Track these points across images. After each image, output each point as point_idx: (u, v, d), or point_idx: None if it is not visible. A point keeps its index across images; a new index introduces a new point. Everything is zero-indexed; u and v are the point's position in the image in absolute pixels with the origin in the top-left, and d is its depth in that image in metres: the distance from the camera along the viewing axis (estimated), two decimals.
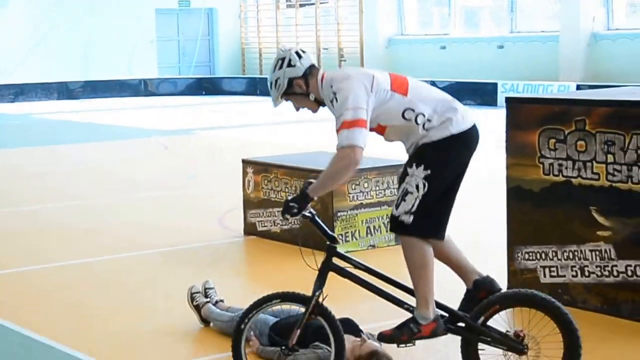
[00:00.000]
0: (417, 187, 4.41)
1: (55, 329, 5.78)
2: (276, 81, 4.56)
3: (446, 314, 4.59)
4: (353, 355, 4.79)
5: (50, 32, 26.59)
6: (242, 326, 4.66)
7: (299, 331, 4.58)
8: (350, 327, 5.05)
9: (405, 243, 4.50)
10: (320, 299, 4.55)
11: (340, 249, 6.91)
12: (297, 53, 4.59)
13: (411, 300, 4.60)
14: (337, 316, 5.11)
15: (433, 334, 4.56)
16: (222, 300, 5.75)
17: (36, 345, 5.50)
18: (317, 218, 4.69)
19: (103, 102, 25.74)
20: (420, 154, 4.46)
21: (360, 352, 4.79)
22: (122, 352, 5.38)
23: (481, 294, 4.58)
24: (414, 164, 4.45)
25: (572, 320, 4.43)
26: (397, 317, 5.56)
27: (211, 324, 5.64)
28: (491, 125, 9.84)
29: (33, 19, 26.49)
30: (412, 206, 4.41)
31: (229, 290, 6.10)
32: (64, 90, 26.77)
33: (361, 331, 5.02)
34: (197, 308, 5.72)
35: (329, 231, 4.67)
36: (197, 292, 5.79)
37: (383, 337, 4.62)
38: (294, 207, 4.47)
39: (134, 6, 27.54)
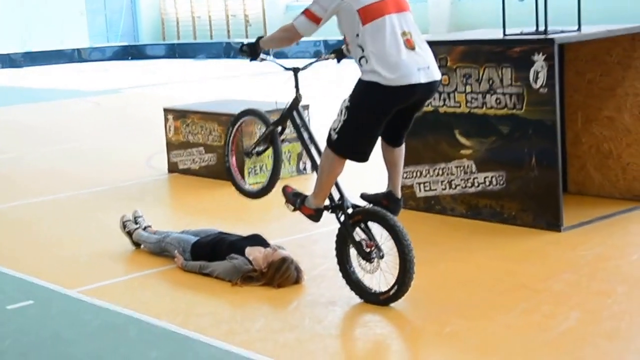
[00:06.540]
0: (341, 112, 4.28)
1: (7, 256, 5.62)
2: None
3: (339, 201, 4.50)
4: (266, 261, 4.76)
5: None
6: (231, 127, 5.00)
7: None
8: (259, 241, 5.03)
9: (325, 152, 4.39)
10: (278, 131, 4.73)
11: (251, 180, 6.90)
12: None
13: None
14: (249, 233, 5.11)
15: (308, 217, 4.53)
16: (150, 226, 5.66)
17: None
18: (275, 60, 4.69)
19: (42, 69, 24.86)
20: (354, 86, 4.27)
21: (272, 258, 4.76)
22: (67, 272, 5.24)
23: (384, 202, 4.49)
24: (348, 93, 4.32)
25: (400, 229, 4.20)
26: (301, 233, 5.61)
27: (142, 246, 5.55)
28: None
29: None
30: (337, 127, 4.29)
31: (155, 218, 5.99)
32: (7, 60, 25.78)
33: (269, 244, 5.00)
34: (129, 234, 5.62)
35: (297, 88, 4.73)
36: (128, 220, 5.68)
37: (284, 189, 4.63)
38: (246, 52, 4.61)
39: None
